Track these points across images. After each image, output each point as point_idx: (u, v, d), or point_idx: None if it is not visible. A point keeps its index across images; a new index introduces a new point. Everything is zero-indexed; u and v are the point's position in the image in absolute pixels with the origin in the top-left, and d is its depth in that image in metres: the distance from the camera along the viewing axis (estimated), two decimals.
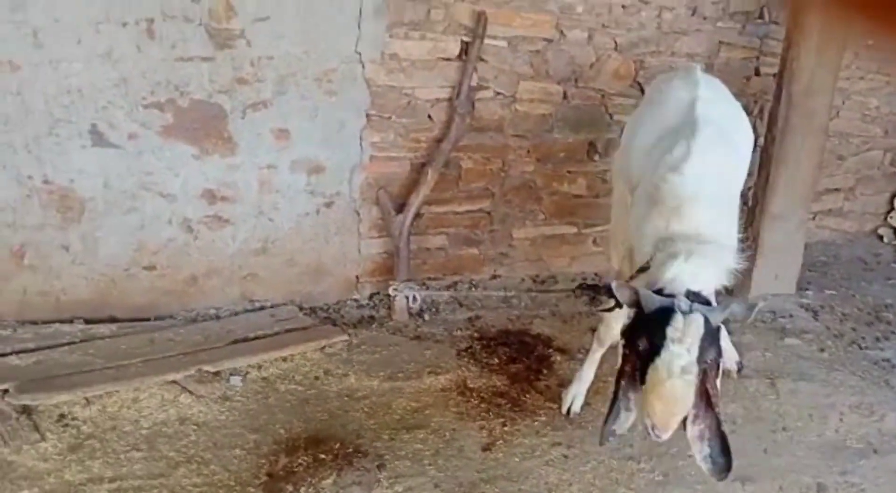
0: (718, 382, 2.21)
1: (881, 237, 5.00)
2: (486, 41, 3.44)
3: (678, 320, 2.03)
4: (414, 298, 3.41)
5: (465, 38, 3.42)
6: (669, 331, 2.02)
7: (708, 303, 2.14)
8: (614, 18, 3.73)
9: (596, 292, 3.39)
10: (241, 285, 3.41)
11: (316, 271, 3.49)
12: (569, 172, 3.87)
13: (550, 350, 3.26)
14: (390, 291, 3.42)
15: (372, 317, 3.51)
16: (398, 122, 3.42)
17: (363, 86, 3.30)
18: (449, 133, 3.42)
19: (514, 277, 3.90)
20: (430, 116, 3.48)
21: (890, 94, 4.71)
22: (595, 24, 3.69)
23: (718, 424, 2.14)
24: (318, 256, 3.48)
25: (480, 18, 3.37)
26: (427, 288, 3.57)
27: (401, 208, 3.41)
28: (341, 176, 3.40)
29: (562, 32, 3.64)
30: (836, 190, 4.74)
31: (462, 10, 3.39)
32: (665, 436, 2.09)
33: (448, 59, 3.43)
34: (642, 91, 3.87)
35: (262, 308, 3.44)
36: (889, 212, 5.05)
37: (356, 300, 3.61)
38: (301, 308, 3.47)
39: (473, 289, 3.76)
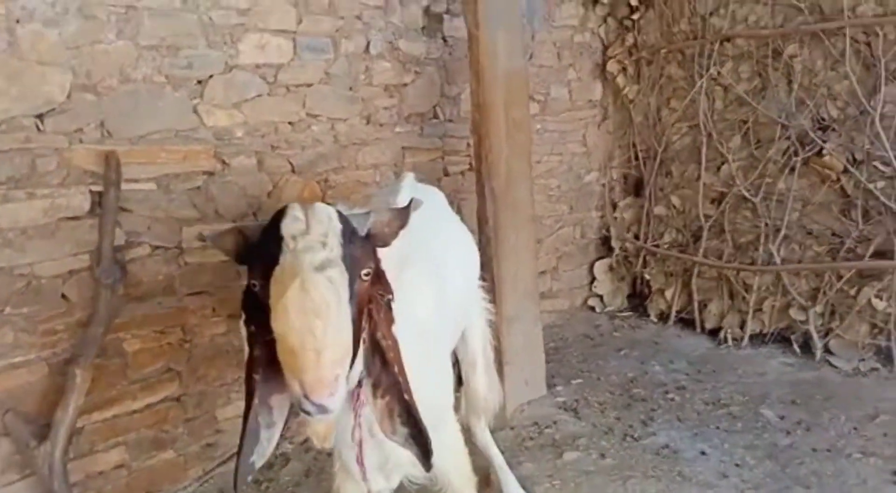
0: (395, 330, 1.64)
1: (593, 308, 5.06)
2: (126, 186, 2.67)
3: (295, 208, 1.49)
4: None
5: (95, 188, 2.61)
6: (286, 225, 1.46)
7: None
8: (283, 138, 3.20)
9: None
10: None
11: None
12: None
13: None
14: None
15: None
16: (17, 313, 2.45)
17: None
18: (97, 313, 2.54)
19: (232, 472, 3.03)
20: (64, 296, 2.56)
21: (564, 171, 4.84)
22: (262, 147, 3.13)
23: (402, 390, 1.60)
24: None
25: (109, 160, 2.60)
26: None
27: (44, 433, 2.41)
28: None
29: (224, 162, 3.00)
30: (543, 273, 4.68)
31: (82, 155, 2.59)
32: (329, 402, 1.35)
33: (75, 218, 2.58)
34: None
35: None
36: (592, 282, 5.15)
37: None
38: None
39: None
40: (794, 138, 4.07)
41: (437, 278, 2.08)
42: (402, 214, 1.63)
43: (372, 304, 1.58)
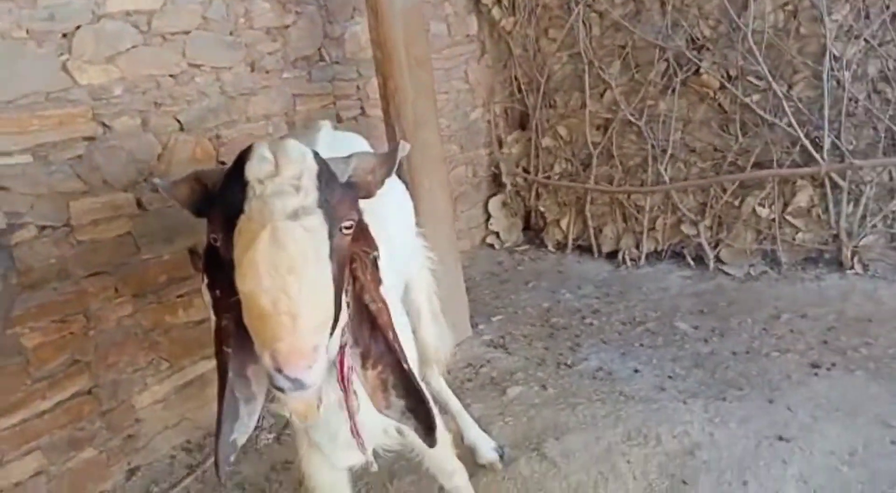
0: (384, 292, 1.48)
1: (492, 246, 5.09)
2: None
3: (261, 147, 1.28)
4: None
5: None
6: (251, 167, 1.24)
7: None
8: (167, 93, 2.89)
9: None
10: None
11: None
12: (179, 296, 2.92)
13: None
14: None
15: None
16: None
17: None
18: None
19: (161, 460, 2.80)
20: None
21: (452, 110, 4.75)
22: (145, 105, 2.81)
23: (399, 359, 1.44)
24: None
25: None
26: None
27: None
28: None
29: (105, 125, 2.67)
30: None
31: None
32: (306, 376, 1.14)
33: None
34: None
35: None
36: (488, 219, 5.16)
37: None
38: None
39: None
40: (671, 60, 4.20)
41: (382, 230, 1.93)
42: (389, 160, 1.41)
43: (356, 263, 1.40)
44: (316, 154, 1.31)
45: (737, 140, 4.10)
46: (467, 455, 2.56)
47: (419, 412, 1.47)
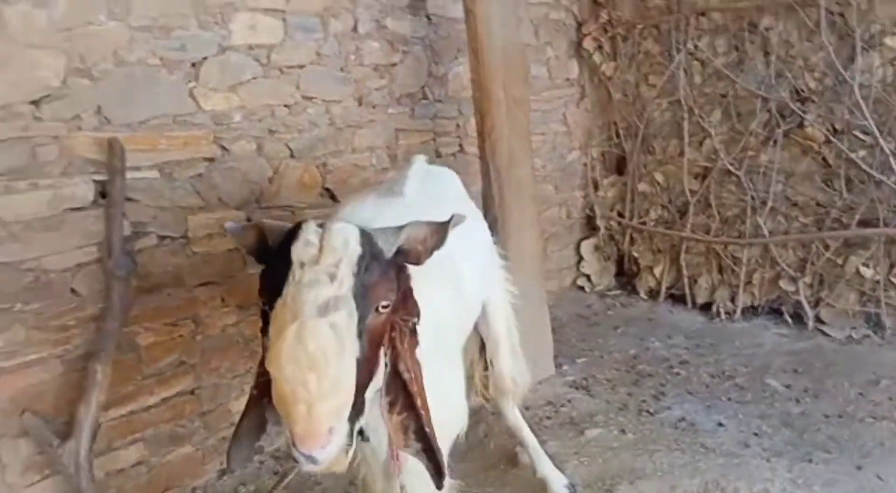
0: (419, 354, 1.57)
1: (582, 288, 5.09)
2: (130, 175, 2.56)
3: (308, 230, 1.38)
4: None
5: (99, 177, 2.50)
6: (296, 249, 1.35)
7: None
8: (281, 121, 3.12)
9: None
10: None
11: None
12: None
13: None
14: None
15: None
16: (27, 310, 2.33)
17: None
18: (110, 306, 2.44)
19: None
20: (74, 291, 2.44)
21: (548, 151, 4.84)
22: (261, 131, 3.04)
23: (423, 424, 1.53)
24: None
25: (113, 148, 2.49)
26: None
27: (67, 430, 2.30)
28: None
29: (224, 147, 2.91)
30: None
31: (82, 143, 2.46)
32: (318, 455, 1.26)
33: (81, 209, 2.46)
34: (333, 198, 3.33)
35: None
36: (579, 261, 5.17)
37: None
38: None
39: None
40: (774, 111, 4.15)
41: (452, 267, 1.97)
42: (440, 231, 1.49)
43: (394, 331, 1.49)
44: (364, 233, 1.40)
45: (841, 196, 3.98)
46: (538, 489, 2.58)
47: (431, 456, 1.56)
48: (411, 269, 1.55)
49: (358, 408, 1.36)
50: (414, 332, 1.55)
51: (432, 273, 1.63)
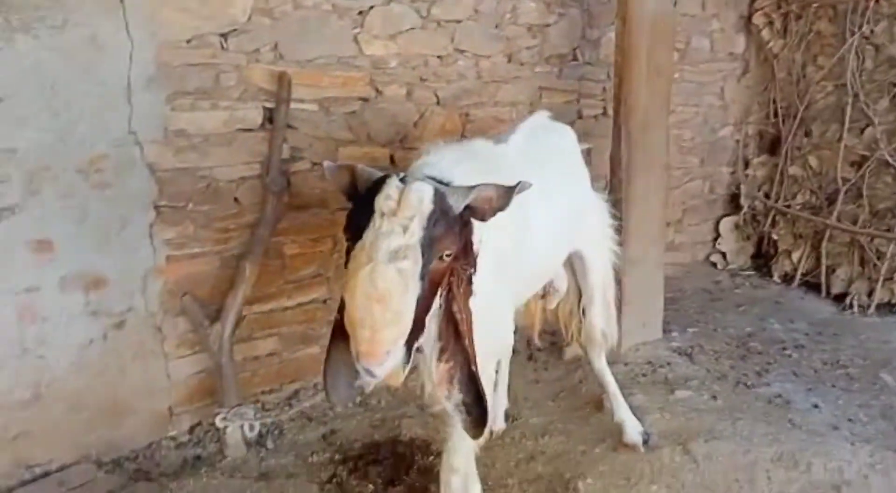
0: (472, 302, 1.76)
1: (714, 264, 5.04)
2: (293, 105, 2.93)
3: (391, 185, 1.59)
4: (251, 426, 2.73)
5: (268, 104, 2.89)
6: (379, 200, 1.57)
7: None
8: (432, 71, 3.38)
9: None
10: (10, 450, 2.56)
11: (112, 411, 2.72)
12: None
13: (432, 458, 2.70)
14: (217, 420, 2.72)
15: (198, 457, 2.78)
16: (198, 210, 2.79)
17: (145, 172, 2.65)
18: (264, 216, 2.85)
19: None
20: (236, 200, 2.88)
21: (699, 124, 4.79)
22: (412, 78, 3.32)
23: (469, 361, 1.72)
24: (114, 391, 2.71)
25: (282, 80, 2.86)
26: (263, 408, 2.91)
27: (216, 315, 2.76)
28: (131, 287, 2.69)
29: (378, 90, 3.22)
30: (667, 224, 4.69)
31: (258, 73, 2.86)
32: (376, 370, 1.51)
33: (250, 130, 2.87)
34: None
35: (45, 475, 2.59)
36: (716, 238, 5.11)
37: (173, 438, 2.86)
38: (100, 464, 2.67)
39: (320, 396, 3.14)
40: None
41: (522, 213, 2.03)
42: (506, 195, 1.67)
43: (453, 277, 1.68)
44: (437, 191, 1.60)
45: None
46: (616, 432, 2.76)
47: (474, 407, 1.75)
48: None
49: (415, 334, 1.60)
50: (470, 281, 1.75)
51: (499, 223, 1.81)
